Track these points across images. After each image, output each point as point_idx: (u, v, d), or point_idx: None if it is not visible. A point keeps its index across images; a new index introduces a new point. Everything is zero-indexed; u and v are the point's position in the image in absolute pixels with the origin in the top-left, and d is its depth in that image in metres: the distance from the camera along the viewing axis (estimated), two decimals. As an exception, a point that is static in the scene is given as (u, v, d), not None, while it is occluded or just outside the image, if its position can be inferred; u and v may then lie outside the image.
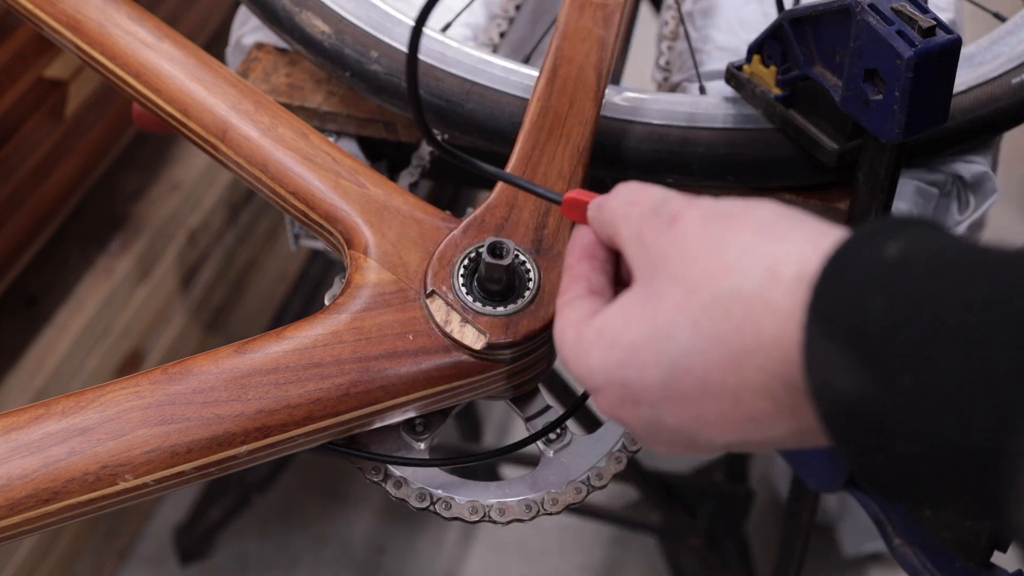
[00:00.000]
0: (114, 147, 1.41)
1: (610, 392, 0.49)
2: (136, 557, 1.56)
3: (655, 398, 0.47)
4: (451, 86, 0.83)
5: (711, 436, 0.47)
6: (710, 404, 0.45)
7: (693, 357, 0.45)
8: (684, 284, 0.46)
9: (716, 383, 0.44)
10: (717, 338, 0.44)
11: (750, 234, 0.45)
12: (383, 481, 0.68)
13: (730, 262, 0.44)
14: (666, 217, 0.49)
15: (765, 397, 0.43)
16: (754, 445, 0.47)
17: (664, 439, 0.49)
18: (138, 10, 0.78)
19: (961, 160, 0.86)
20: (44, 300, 1.37)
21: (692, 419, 0.46)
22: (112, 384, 0.61)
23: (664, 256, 0.47)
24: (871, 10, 0.70)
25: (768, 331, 0.42)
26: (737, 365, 0.43)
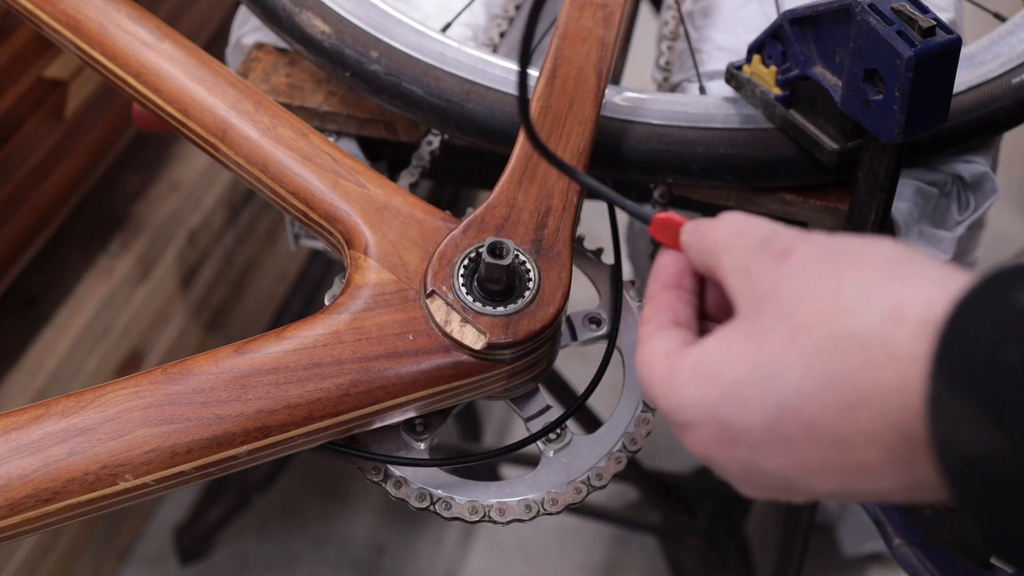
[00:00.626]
0: (114, 147, 1.41)
1: (704, 430, 0.46)
2: (136, 557, 1.56)
3: (755, 440, 0.44)
4: (451, 86, 0.83)
5: (811, 484, 0.44)
6: (816, 451, 0.43)
7: (803, 399, 0.42)
8: (794, 322, 0.43)
9: (826, 429, 0.42)
10: (830, 381, 0.41)
11: (869, 273, 0.42)
12: (383, 481, 0.68)
13: (847, 301, 0.42)
14: (776, 251, 0.46)
15: (878, 447, 0.41)
16: (855, 495, 0.44)
17: (759, 483, 0.46)
18: (138, 10, 0.78)
19: (961, 160, 0.86)
20: (44, 300, 1.37)
21: (793, 465, 0.44)
22: (112, 384, 0.61)
23: (773, 291, 0.45)
24: (871, 10, 0.70)
25: (888, 377, 0.40)
26: (851, 411, 0.41)
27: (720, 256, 0.48)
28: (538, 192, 0.69)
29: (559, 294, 0.65)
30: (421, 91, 0.83)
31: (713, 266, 0.49)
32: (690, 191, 0.87)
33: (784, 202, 0.85)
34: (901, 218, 0.84)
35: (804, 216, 0.86)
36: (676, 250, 0.53)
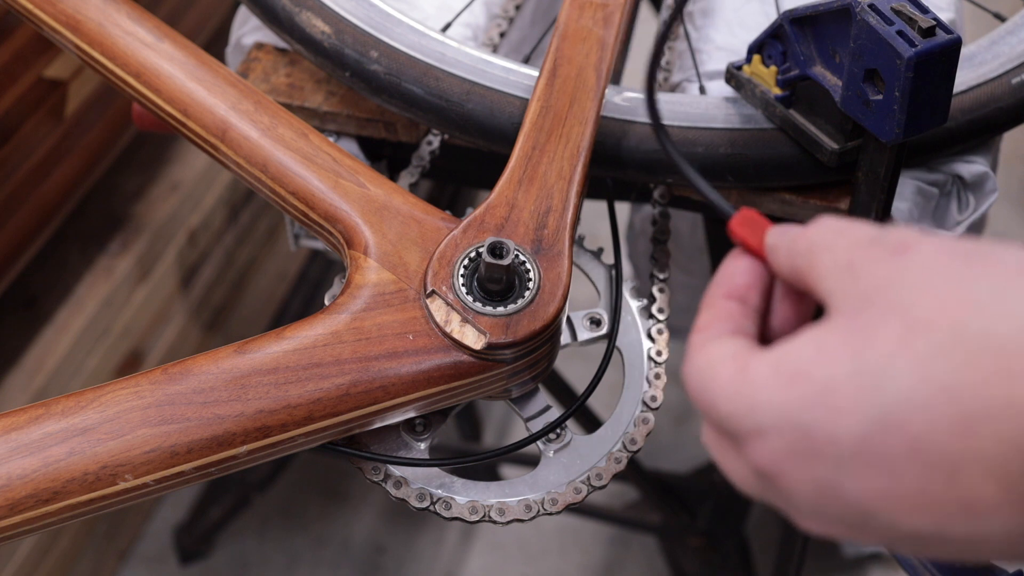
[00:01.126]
0: (114, 147, 1.41)
1: (778, 439, 0.39)
2: (136, 557, 1.56)
3: (843, 454, 0.38)
4: (451, 86, 0.83)
5: (897, 519, 0.38)
6: (914, 475, 0.36)
7: (912, 409, 0.36)
8: (912, 317, 0.37)
9: (934, 448, 0.36)
10: (950, 389, 0.35)
11: (1005, 274, 0.36)
12: (383, 481, 0.68)
13: (980, 299, 0.36)
14: (891, 246, 0.40)
15: (993, 479, 0.35)
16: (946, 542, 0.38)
17: (831, 513, 0.39)
18: (138, 10, 0.78)
19: (961, 160, 0.86)
20: (44, 300, 1.37)
21: (881, 492, 0.37)
22: (112, 384, 0.61)
23: (885, 286, 0.38)
24: (871, 10, 0.70)
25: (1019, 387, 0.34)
26: (970, 428, 0.35)
27: (817, 256, 0.42)
28: (538, 192, 0.69)
29: (559, 294, 0.65)
30: (421, 91, 0.83)
31: (805, 269, 0.43)
32: (690, 191, 0.87)
33: (784, 202, 0.85)
34: (901, 218, 0.84)
35: (804, 216, 0.86)
36: (753, 252, 0.47)
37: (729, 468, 0.43)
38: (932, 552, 0.39)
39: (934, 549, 0.39)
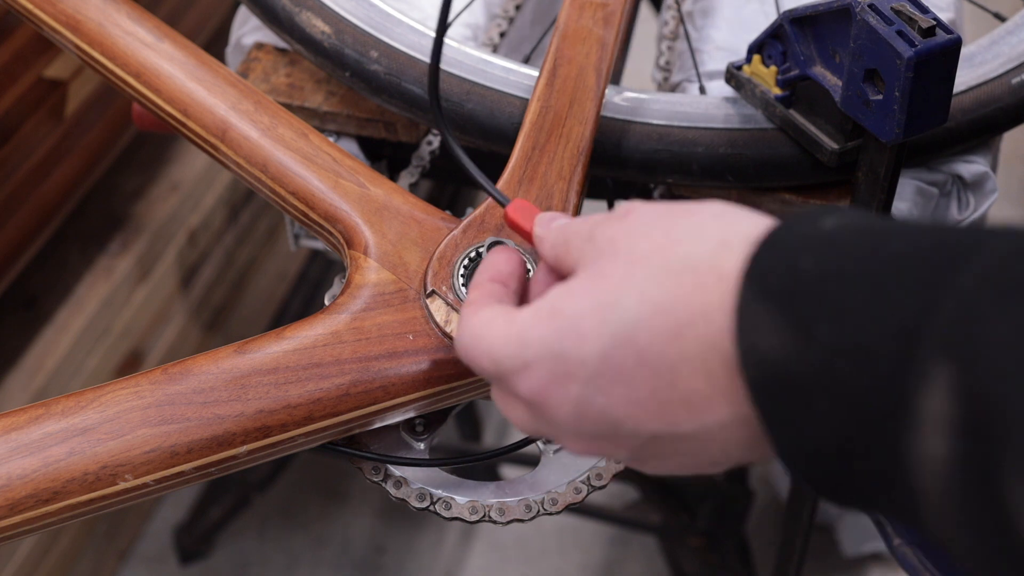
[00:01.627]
0: (114, 147, 1.41)
1: (541, 367, 0.46)
2: (136, 557, 1.56)
3: (590, 373, 0.45)
4: (451, 86, 0.83)
5: (639, 421, 0.45)
6: (645, 381, 0.44)
7: (637, 326, 0.43)
8: (632, 257, 0.45)
9: (655, 355, 0.43)
10: (663, 306, 0.43)
11: (702, 218, 0.45)
12: (383, 481, 0.68)
13: (681, 236, 0.44)
14: (618, 214, 0.48)
15: (701, 373, 0.42)
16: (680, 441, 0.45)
17: (587, 428, 0.46)
18: (138, 10, 0.78)
19: (961, 160, 0.86)
20: (44, 300, 1.37)
21: (622, 400, 0.45)
22: (112, 384, 0.61)
23: (613, 240, 0.47)
24: (871, 10, 0.70)
25: (713, 296, 0.42)
26: (679, 334, 0.43)
27: (570, 239, 0.50)
28: (538, 192, 0.69)
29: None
30: (421, 91, 0.83)
31: (563, 254, 0.50)
32: (690, 191, 0.87)
33: (784, 202, 0.85)
34: (901, 218, 0.84)
35: (804, 216, 0.86)
36: (525, 237, 0.55)
37: (512, 414, 0.50)
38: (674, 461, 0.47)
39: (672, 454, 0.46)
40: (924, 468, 0.36)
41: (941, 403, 0.35)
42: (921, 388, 0.36)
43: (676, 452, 0.46)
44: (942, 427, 0.35)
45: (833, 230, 0.41)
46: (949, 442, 0.35)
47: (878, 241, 0.39)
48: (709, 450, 0.46)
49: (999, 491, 0.34)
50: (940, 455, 0.36)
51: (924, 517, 0.38)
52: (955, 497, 0.36)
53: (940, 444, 0.36)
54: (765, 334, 0.40)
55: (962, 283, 0.36)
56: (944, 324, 0.36)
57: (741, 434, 0.44)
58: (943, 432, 0.35)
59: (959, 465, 0.35)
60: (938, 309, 0.36)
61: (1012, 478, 0.33)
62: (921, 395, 0.36)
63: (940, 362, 0.35)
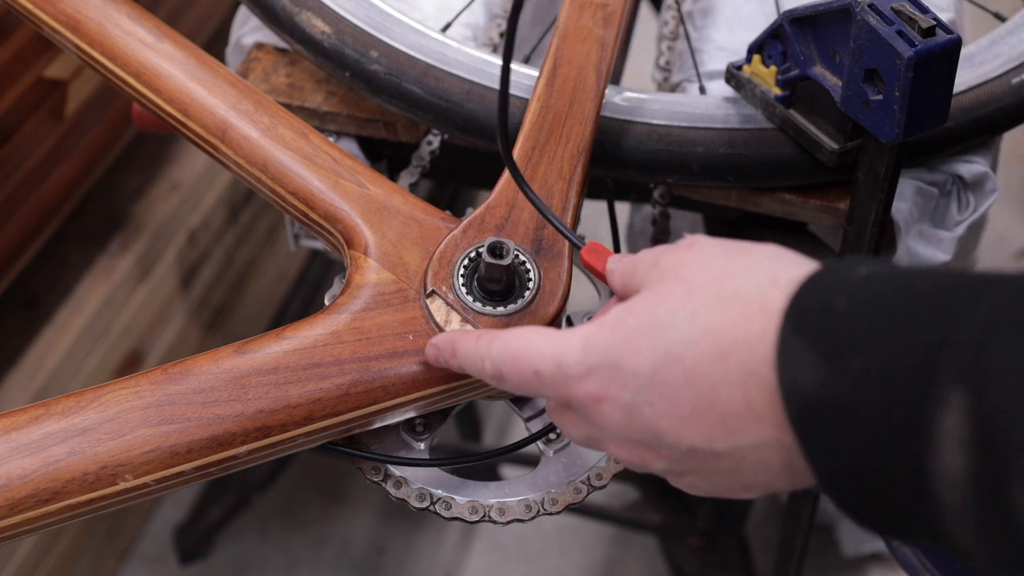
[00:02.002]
0: (114, 147, 1.40)
1: (602, 373, 0.50)
2: (136, 557, 1.56)
3: (641, 383, 0.49)
4: (451, 86, 0.83)
5: (679, 435, 0.49)
6: (688, 397, 0.48)
7: (686, 346, 0.48)
8: (690, 284, 0.49)
9: (700, 375, 0.47)
10: (711, 330, 0.47)
11: (758, 256, 0.49)
12: (383, 481, 0.68)
13: (737, 269, 0.49)
14: (684, 244, 0.53)
15: (739, 397, 0.46)
16: (717, 458, 0.49)
17: (633, 436, 0.51)
18: (138, 10, 0.78)
19: (961, 160, 0.86)
20: (44, 300, 1.37)
21: (666, 412, 0.48)
22: (112, 384, 0.61)
23: (675, 267, 0.51)
24: (871, 10, 0.70)
25: (756, 327, 0.46)
26: (723, 358, 0.46)
27: (638, 267, 0.54)
28: (538, 192, 0.69)
29: (559, 294, 0.65)
30: (421, 91, 0.83)
31: (630, 280, 0.55)
32: (690, 191, 0.87)
33: (784, 202, 0.85)
34: (901, 218, 0.84)
35: (804, 216, 0.86)
36: (598, 274, 0.60)
37: (564, 419, 0.55)
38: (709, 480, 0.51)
39: (707, 472, 0.50)
40: (943, 483, 0.40)
41: (956, 423, 0.39)
42: (939, 410, 0.39)
43: (712, 470, 0.50)
44: (957, 445, 0.39)
45: (866, 275, 0.45)
46: (964, 459, 0.39)
47: (903, 283, 0.44)
48: (742, 471, 0.49)
49: (1009, 501, 0.37)
50: (957, 471, 0.39)
51: (947, 529, 0.41)
52: (971, 508, 0.39)
53: (956, 460, 0.39)
54: (804, 367, 0.44)
55: (976, 317, 0.40)
56: (959, 353, 0.39)
57: (772, 457, 0.47)
58: (958, 449, 0.39)
59: (973, 479, 0.39)
60: (954, 340, 0.40)
61: (1018, 490, 0.37)
62: (939, 416, 0.39)
63: (955, 386, 0.39)
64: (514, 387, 0.55)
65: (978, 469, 0.38)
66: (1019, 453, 0.37)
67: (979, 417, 0.38)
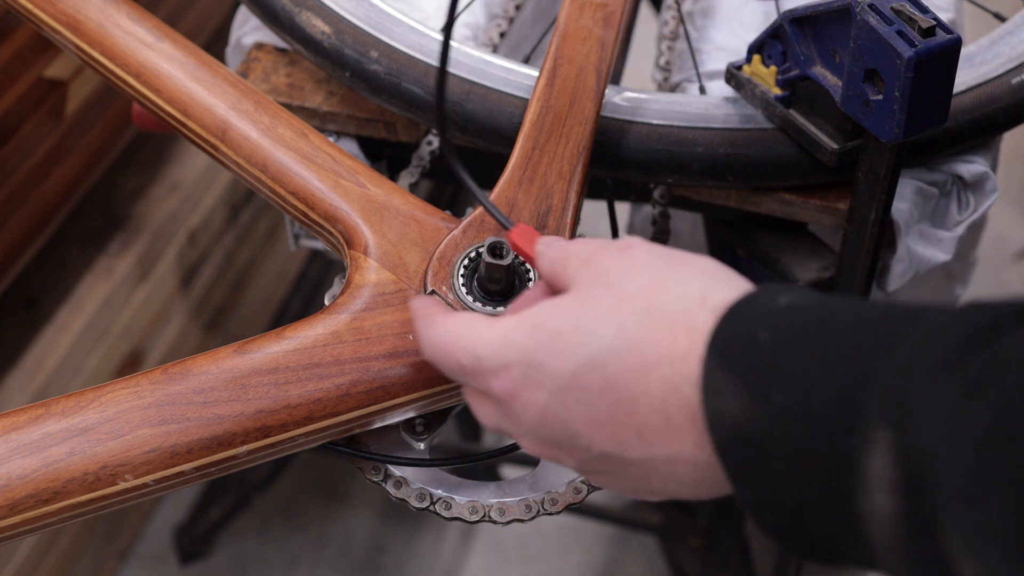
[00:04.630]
0: (114, 147, 1.40)
1: (517, 370, 0.50)
2: (136, 557, 1.56)
3: (559, 385, 0.49)
4: (451, 86, 0.83)
5: (592, 439, 0.49)
6: (606, 405, 0.48)
7: (610, 355, 0.48)
8: (620, 293, 0.49)
9: (621, 385, 0.47)
10: (637, 343, 0.47)
11: (692, 271, 0.49)
12: (383, 481, 0.68)
13: (669, 284, 0.49)
14: (619, 245, 0.52)
15: (658, 411, 0.47)
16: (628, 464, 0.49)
17: (545, 434, 0.51)
18: (138, 10, 0.78)
19: (961, 160, 0.86)
20: (44, 300, 1.37)
21: (582, 417, 0.49)
22: (112, 384, 0.61)
23: (608, 271, 0.51)
24: (871, 10, 0.70)
25: (682, 345, 0.46)
26: (646, 372, 0.47)
27: (569, 259, 0.53)
28: (538, 192, 0.69)
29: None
30: (421, 91, 0.83)
31: (560, 269, 0.54)
32: (690, 191, 0.87)
33: (784, 202, 0.85)
34: (901, 218, 0.84)
35: (804, 216, 0.86)
36: (526, 257, 0.59)
37: (480, 409, 0.54)
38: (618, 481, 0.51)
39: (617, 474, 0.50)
40: (873, 522, 0.40)
41: (883, 464, 0.40)
42: (865, 450, 0.40)
43: (621, 474, 0.51)
44: (886, 486, 0.39)
45: (787, 306, 0.45)
46: (892, 499, 0.39)
47: (825, 315, 0.44)
48: (650, 479, 0.50)
49: (938, 541, 0.38)
50: (886, 512, 0.40)
51: (879, 563, 0.42)
52: (902, 547, 0.40)
53: (885, 501, 0.40)
54: (729, 399, 0.44)
55: (897, 355, 0.40)
56: (882, 393, 0.40)
57: (684, 471, 0.48)
58: (887, 490, 0.40)
59: (902, 520, 0.39)
60: (876, 379, 0.40)
61: (946, 530, 0.37)
62: (866, 457, 0.40)
63: (881, 427, 0.40)
64: (447, 376, 0.55)
65: (907, 510, 0.39)
66: (947, 500, 0.37)
67: (906, 459, 0.39)
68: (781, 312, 0.45)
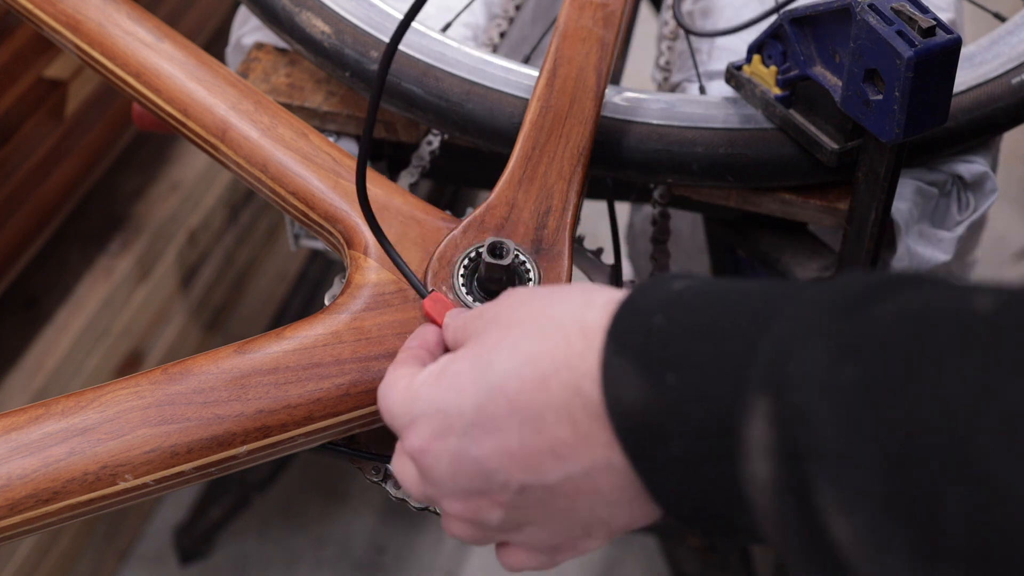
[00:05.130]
0: (114, 147, 1.40)
1: (425, 422, 0.51)
2: (136, 557, 1.56)
3: (466, 424, 0.49)
4: (451, 86, 0.83)
5: (509, 472, 0.48)
6: (515, 428, 0.47)
7: (507, 376, 0.48)
8: (509, 323, 0.50)
9: (524, 403, 0.47)
10: (531, 357, 0.48)
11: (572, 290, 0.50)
12: (383, 481, 0.68)
13: (552, 302, 0.50)
14: (503, 296, 0.54)
15: (565, 420, 0.46)
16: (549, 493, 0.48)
17: (462, 483, 0.50)
18: (138, 10, 0.78)
19: (961, 160, 0.86)
20: (44, 300, 1.37)
21: (494, 448, 0.48)
22: (112, 384, 0.61)
23: (496, 314, 0.52)
24: (871, 10, 0.70)
25: (577, 346, 0.46)
26: (546, 382, 0.47)
27: (467, 320, 0.55)
28: (538, 192, 0.69)
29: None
30: (421, 91, 0.83)
31: (460, 334, 0.55)
32: (690, 191, 0.87)
33: (784, 202, 0.85)
34: (901, 218, 0.84)
35: (804, 216, 0.86)
36: (436, 324, 0.60)
37: (403, 475, 0.53)
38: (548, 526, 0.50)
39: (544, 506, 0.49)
40: (755, 491, 0.41)
41: (761, 430, 0.40)
42: (746, 419, 0.41)
43: (549, 513, 0.50)
44: (764, 452, 0.40)
45: (681, 290, 0.46)
46: (770, 465, 0.40)
47: (716, 299, 0.45)
48: (578, 508, 0.49)
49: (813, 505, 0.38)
50: (765, 477, 0.40)
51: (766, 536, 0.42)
52: (780, 513, 0.40)
53: (764, 467, 0.40)
54: (626, 385, 0.44)
55: (778, 327, 0.41)
56: (762, 362, 0.41)
57: (605, 483, 0.47)
58: (765, 457, 0.40)
59: (780, 485, 0.40)
60: (758, 351, 0.41)
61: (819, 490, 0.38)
62: (746, 425, 0.41)
63: (760, 395, 0.40)
64: None
65: (784, 474, 0.39)
66: (820, 458, 0.38)
67: (782, 423, 0.39)
68: (674, 296, 0.46)
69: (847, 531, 0.37)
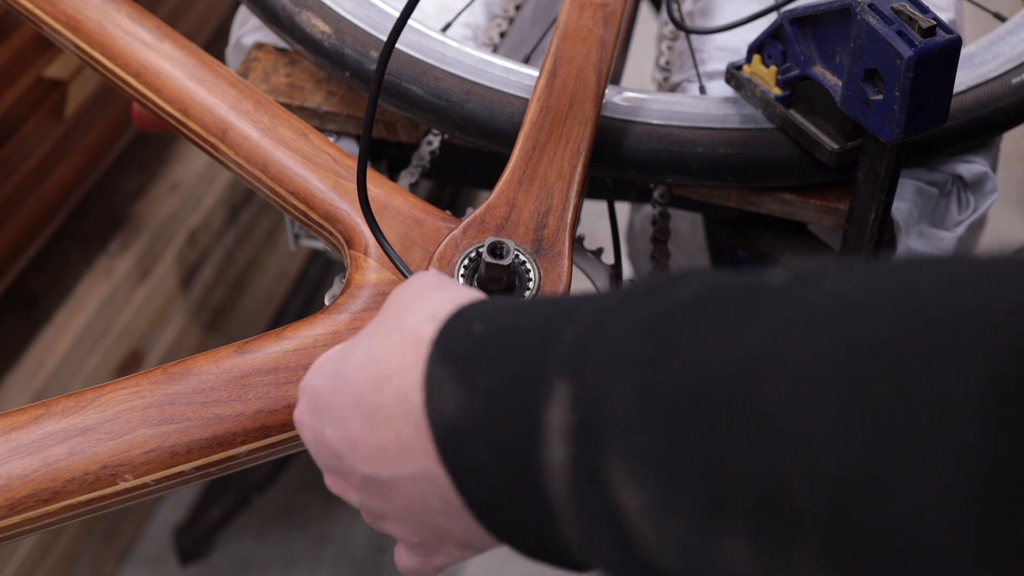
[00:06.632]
0: (114, 147, 1.41)
1: (303, 396, 0.54)
2: (136, 557, 1.56)
3: (324, 406, 0.51)
4: (451, 86, 0.83)
5: (353, 460, 0.49)
6: (356, 422, 0.49)
7: (355, 371, 0.49)
8: (382, 315, 0.51)
9: (364, 401, 0.48)
10: (375, 358, 0.49)
11: (445, 295, 0.50)
12: (383, 481, 0.68)
13: (415, 304, 0.50)
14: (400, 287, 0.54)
15: (392, 424, 0.47)
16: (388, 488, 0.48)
17: (323, 459, 0.53)
18: (138, 10, 0.78)
19: (961, 160, 0.86)
20: (44, 300, 1.37)
21: (340, 435, 0.50)
22: (112, 384, 0.61)
23: (388, 300, 0.53)
24: (871, 10, 0.70)
25: (410, 356, 0.47)
26: (381, 385, 0.48)
27: None
28: (538, 192, 0.69)
29: (559, 294, 0.65)
30: (421, 91, 0.83)
31: None
32: (690, 191, 0.87)
33: (784, 202, 0.85)
34: (901, 218, 0.84)
35: (804, 216, 0.86)
36: None
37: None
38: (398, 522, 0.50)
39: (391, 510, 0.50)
40: (551, 478, 0.40)
41: (559, 414, 0.40)
42: (548, 406, 0.40)
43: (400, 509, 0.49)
44: (561, 435, 0.40)
45: (500, 304, 0.47)
46: (566, 448, 0.39)
47: (534, 304, 0.46)
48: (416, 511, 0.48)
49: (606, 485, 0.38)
50: (561, 462, 0.40)
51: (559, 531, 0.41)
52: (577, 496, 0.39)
53: (560, 451, 0.40)
54: (446, 394, 0.44)
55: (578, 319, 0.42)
56: (563, 350, 0.41)
57: (428, 492, 0.47)
58: (561, 439, 0.40)
59: (575, 468, 0.39)
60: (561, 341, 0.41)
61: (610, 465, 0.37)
62: (547, 412, 0.40)
63: (559, 380, 0.40)
64: None
65: (579, 455, 0.39)
66: (612, 432, 0.37)
67: (579, 404, 0.39)
68: (496, 305, 0.47)
69: (637, 502, 0.37)
